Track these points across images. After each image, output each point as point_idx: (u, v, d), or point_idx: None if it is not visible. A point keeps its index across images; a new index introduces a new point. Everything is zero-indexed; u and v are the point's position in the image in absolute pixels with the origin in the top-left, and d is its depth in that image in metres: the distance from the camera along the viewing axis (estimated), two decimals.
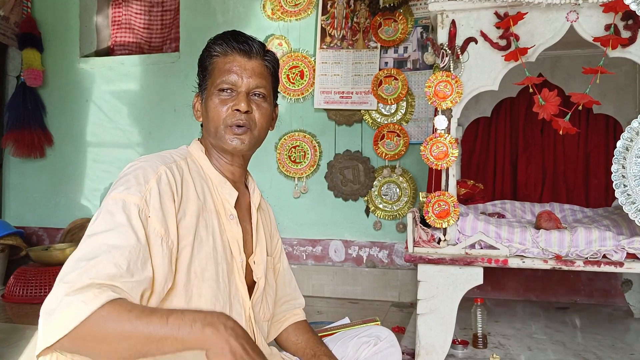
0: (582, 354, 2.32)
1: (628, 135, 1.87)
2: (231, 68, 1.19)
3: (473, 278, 2.07)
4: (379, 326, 1.53)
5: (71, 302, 0.84)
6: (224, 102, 1.19)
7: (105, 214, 1.00)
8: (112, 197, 1.03)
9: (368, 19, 3.50)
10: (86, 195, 4.11)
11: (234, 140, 1.19)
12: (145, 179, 1.06)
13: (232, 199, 1.23)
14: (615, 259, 1.96)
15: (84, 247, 0.95)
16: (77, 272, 0.89)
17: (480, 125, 3.23)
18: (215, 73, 1.20)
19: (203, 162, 1.23)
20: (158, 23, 4.22)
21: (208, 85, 1.22)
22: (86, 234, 0.99)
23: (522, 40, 2.06)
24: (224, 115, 1.19)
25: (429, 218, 2.12)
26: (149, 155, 1.15)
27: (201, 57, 1.26)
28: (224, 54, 1.20)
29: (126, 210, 1.00)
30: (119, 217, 0.99)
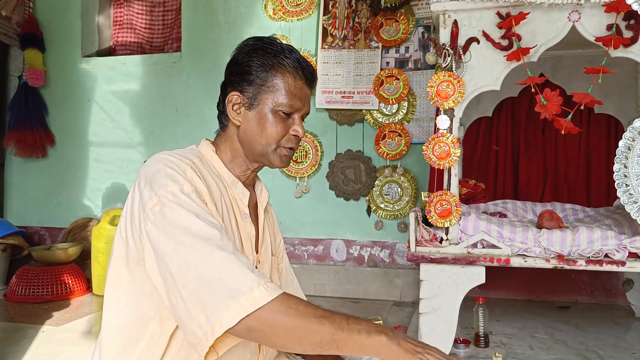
0: (584, 353, 2.33)
1: (630, 134, 1.87)
2: (299, 95, 1.20)
3: (475, 277, 2.08)
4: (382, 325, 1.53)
5: (253, 287, 0.92)
6: (283, 121, 1.19)
7: (177, 206, 1.00)
8: (169, 191, 1.02)
9: (369, 19, 3.50)
10: (88, 194, 4.12)
11: (284, 160, 1.22)
12: (182, 169, 1.07)
13: (245, 198, 1.23)
14: (617, 258, 1.96)
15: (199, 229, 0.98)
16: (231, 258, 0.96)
17: (482, 125, 3.23)
18: (281, 91, 1.18)
19: (215, 163, 1.22)
20: (159, 23, 4.22)
21: (265, 97, 1.18)
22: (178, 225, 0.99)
23: (524, 40, 2.07)
24: (280, 136, 1.19)
25: (431, 217, 2.13)
26: (165, 152, 1.14)
27: (262, 61, 1.19)
28: (294, 76, 1.19)
29: (190, 197, 1.02)
30: (188, 202, 1.01)
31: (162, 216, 1.00)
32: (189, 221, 0.99)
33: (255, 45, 1.21)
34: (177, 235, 0.98)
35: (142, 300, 1.05)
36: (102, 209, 4.01)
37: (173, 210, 1.00)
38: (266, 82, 1.18)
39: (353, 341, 0.93)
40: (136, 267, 1.05)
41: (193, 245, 0.96)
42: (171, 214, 1.00)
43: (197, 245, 0.96)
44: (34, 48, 4.06)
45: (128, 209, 1.08)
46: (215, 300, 0.92)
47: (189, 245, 0.96)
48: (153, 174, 1.06)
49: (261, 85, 1.18)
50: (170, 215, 1.00)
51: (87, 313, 3.06)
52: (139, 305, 1.05)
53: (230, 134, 1.24)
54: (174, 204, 1.00)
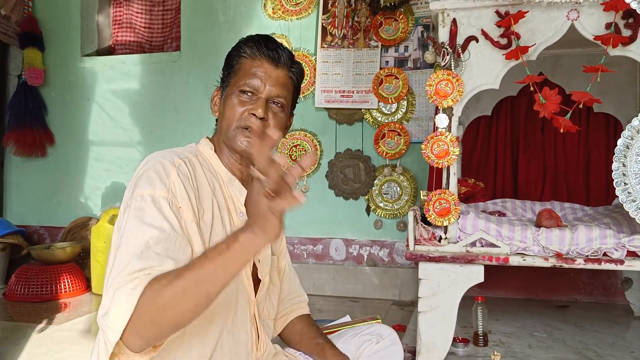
0: (583, 351, 2.33)
1: (629, 133, 1.87)
2: (256, 73, 1.20)
3: (474, 276, 2.08)
4: (381, 324, 1.54)
5: (119, 298, 0.91)
6: (243, 103, 1.20)
7: (136, 212, 1.02)
8: (140, 194, 1.04)
9: (369, 18, 3.50)
10: (87, 194, 4.12)
11: (244, 142, 1.20)
12: (166, 173, 1.08)
13: (242, 197, 1.23)
14: (616, 256, 1.96)
15: (126, 248, 0.97)
16: (123, 274, 0.93)
17: (481, 123, 3.23)
18: (240, 73, 1.21)
19: (213, 160, 1.24)
20: (159, 22, 4.22)
21: (230, 83, 1.23)
22: (120, 234, 1.01)
23: (523, 38, 2.06)
24: (237, 116, 1.20)
25: (430, 216, 2.13)
26: (162, 151, 1.15)
27: (229, 53, 1.27)
28: (253, 57, 1.21)
29: (157, 205, 1.02)
30: (149, 211, 1.01)
31: (124, 214, 1.04)
32: (131, 237, 0.99)
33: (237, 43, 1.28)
34: (120, 244, 1.01)
35: None
36: (102, 208, 4.02)
37: (131, 213, 1.03)
38: (232, 69, 1.24)
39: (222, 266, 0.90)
40: None
41: (117, 257, 0.98)
42: (128, 215, 1.03)
43: (118, 263, 0.97)
44: (34, 47, 4.07)
45: (123, 205, 1.10)
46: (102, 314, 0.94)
47: (116, 248, 1.00)
48: (141, 174, 1.09)
49: (229, 73, 1.24)
50: (126, 216, 1.03)
51: (87, 312, 3.06)
52: None
53: (217, 127, 1.28)
54: (137, 208, 1.03)
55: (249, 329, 1.23)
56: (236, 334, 1.19)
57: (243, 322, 1.21)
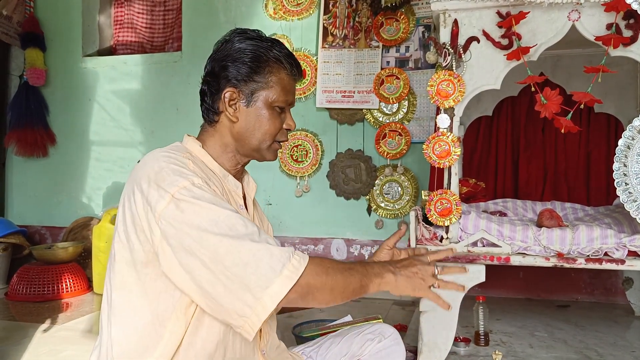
0: (584, 351, 2.33)
1: (630, 133, 1.88)
2: (291, 89, 1.26)
3: (475, 276, 2.08)
4: (383, 324, 1.54)
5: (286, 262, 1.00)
6: (278, 116, 1.24)
7: (193, 200, 1.01)
8: (182, 186, 1.03)
9: (370, 19, 3.51)
10: (89, 194, 4.13)
11: (274, 154, 1.28)
12: (184, 164, 1.09)
13: (239, 190, 1.25)
14: (617, 256, 1.97)
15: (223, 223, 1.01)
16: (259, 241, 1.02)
17: (482, 124, 3.24)
18: (278, 88, 1.22)
19: (204, 157, 1.23)
20: (160, 22, 4.23)
21: (262, 94, 1.21)
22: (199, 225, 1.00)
23: (524, 39, 2.07)
24: (277, 131, 1.24)
25: (431, 216, 2.13)
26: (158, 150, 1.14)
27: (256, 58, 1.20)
28: (290, 75, 1.25)
29: (202, 189, 1.05)
30: (204, 194, 1.03)
31: (180, 212, 1.00)
32: (210, 212, 1.01)
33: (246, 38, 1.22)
34: (202, 228, 0.99)
35: (157, 300, 1.05)
36: (103, 208, 4.03)
37: (192, 204, 1.01)
38: (264, 79, 1.20)
39: (373, 283, 1.12)
40: (144, 269, 1.05)
41: (221, 233, 0.99)
42: (190, 208, 1.01)
43: (226, 233, 0.99)
44: (35, 47, 4.08)
45: (127, 212, 1.06)
46: (259, 278, 0.98)
47: (217, 235, 0.99)
48: (157, 173, 1.05)
49: (258, 81, 1.20)
50: (189, 210, 1.00)
51: (88, 312, 3.07)
52: (154, 306, 1.05)
53: (221, 128, 1.24)
54: (190, 198, 1.02)
55: None
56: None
57: None
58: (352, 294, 1.09)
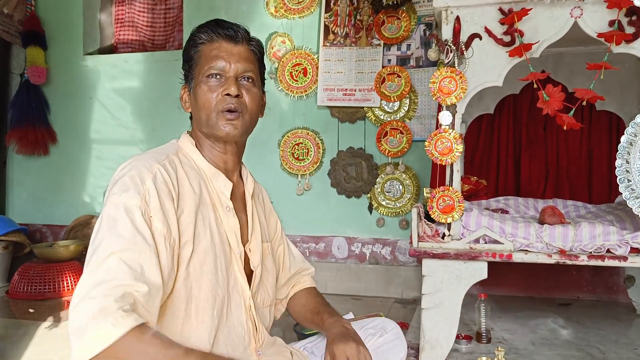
0: (586, 348, 2.33)
1: (632, 130, 1.88)
2: (218, 54, 1.19)
3: (477, 273, 2.08)
4: (385, 318, 1.54)
5: (99, 324, 0.88)
6: (213, 88, 1.19)
7: (109, 221, 1.01)
8: (112, 202, 1.03)
9: (371, 17, 3.51)
10: (90, 192, 4.13)
11: (227, 126, 1.19)
12: (141, 180, 1.06)
13: (227, 191, 1.23)
14: (619, 253, 1.97)
15: (97, 260, 0.96)
16: (100, 289, 0.92)
17: (484, 121, 3.24)
18: (202, 60, 1.20)
19: (194, 156, 1.23)
20: (161, 21, 4.23)
21: (195, 73, 1.22)
22: (93, 245, 1.00)
23: (526, 36, 2.07)
24: (215, 101, 1.18)
25: (433, 213, 2.13)
26: (141, 154, 1.15)
27: (186, 47, 1.26)
28: (210, 40, 1.20)
29: (129, 214, 1.01)
30: (122, 222, 1.00)
31: (100, 222, 1.03)
32: (101, 247, 0.98)
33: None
34: (91, 251, 1.00)
35: None
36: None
37: (103, 225, 1.02)
38: (192, 60, 1.22)
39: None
40: None
41: (86, 272, 0.97)
42: (103, 221, 1.02)
43: (87, 275, 0.96)
44: (36, 46, 4.07)
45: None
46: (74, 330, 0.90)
47: (86, 269, 0.98)
48: (116, 180, 1.08)
49: (190, 66, 1.23)
50: (101, 222, 1.03)
51: None
52: None
53: (193, 122, 1.28)
54: (107, 218, 1.02)
55: (244, 321, 1.22)
56: (232, 328, 1.19)
57: (238, 315, 1.21)
58: None
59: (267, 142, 3.61)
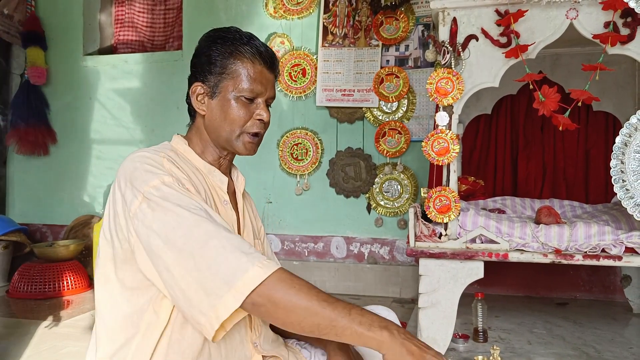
0: (582, 347, 2.35)
1: (627, 131, 1.90)
2: (260, 79, 1.20)
3: (474, 272, 2.10)
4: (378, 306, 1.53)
5: (248, 268, 0.94)
6: (245, 107, 1.20)
7: (161, 202, 1.01)
8: (152, 186, 1.03)
9: (370, 17, 3.53)
10: (89, 192, 4.14)
11: (248, 147, 1.23)
12: (158, 162, 1.09)
13: (223, 185, 1.25)
14: (614, 252, 1.98)
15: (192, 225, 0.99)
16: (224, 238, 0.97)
17: (481, 122, 3.25)
18: (240, 77, 1.19)
19: (189, 155, 1.24)
20: (161, 21, 4.25)
21: (226, 84, 1.20)
22: (166, 224, 1.00)
23: (523, 37, 2.09)
24: (244, 121, 1.20)
25: (430, 213, 2.15)
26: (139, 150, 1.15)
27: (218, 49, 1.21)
28: (252, 61, 1.20)
29: (172, 188, 1.04)
30: (173, 194, 1.02)
31: (151, 211, 1.02)
32: (176, 214, 1.00)
33: (215, 35, 1.23)
34: (167, 229, 1.00)
35: (135, 295, 1.07)
36: (104, 206, 4.03)
37: (159, 205, 1.01)
38: (226, 70, 1.20)
39: (352, 331, 0.93)
40: (123, 265, 1.07)
41: (184, 236, 0.98)
42: (158, 208, 1.01)
43: (189, 235, 0.98)
44: (36, 46, 4.09)
45: (110, 210, 1.09)
46: (214, 287, 0.94)
47: (180, 237, 0.98)
48: (132, 173, 1.07)
49: (221, 73, 1.20)
50: (158, 210, 1.01)
51: (89, 309, 3.08)
52: (133, 300, 1.08)
53: (198, 124, 1.26)
54: (159, 198, 1.02)
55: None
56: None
57: None
58: (316, 328, 0.94)
59: (266, 143, 3.62)
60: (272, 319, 0.98)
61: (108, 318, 1.11)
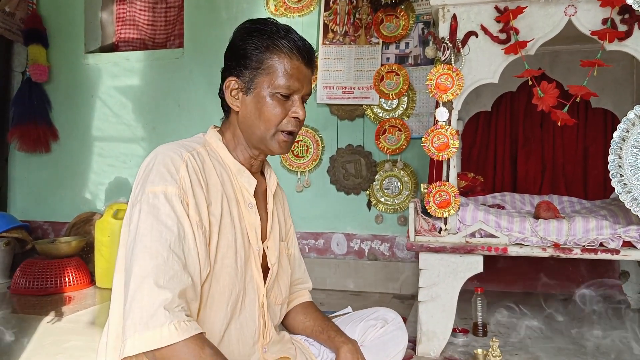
0: (580, 341, 2.37)
1: (624, 126, 1.92)
2: (297, 75, 1.16)
3: (473, 266, 2.12)
4: (386, 308, 1.55)
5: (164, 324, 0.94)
6: (281, 104, 1.17)
7: (151, 209, 1.02)
8: (152, 191, 1.04)
9: (370, 15, 3.55)
10: (91, 189, 4.16)
11: (283, 145, 1.20)
12: (175, 168, 1.07)
13: (251, 188, 1.22)
14: (612, 246, 2.00)
15: (146, 246, 0.99)
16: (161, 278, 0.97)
17: (481, 119, 3.27)
18: (277, 73, 1.15)
19: (221, 151, 1.22)
20: (162, 19, 4.26)
21: (262, 80, 1.16)
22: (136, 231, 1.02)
23: (522, 33, 2.11)
24: (280, 119, 1.17)
25: (430, 208, 2.17)
26: (169, 144, 1.14)
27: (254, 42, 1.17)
28: (290, 57, 1.16)
29: (170, 202, 1.03)
30: (164, 209, 1.02)
31: (139, 213, 1.04)
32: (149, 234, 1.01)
33: (250, 27, 1.19)
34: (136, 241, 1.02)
35: None
36: (105, 203, 4.06)
37: (146, 213, 1.03)
38: (262, 65, 1.16)
39: None
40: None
41: (138, 261, 0.99)
42: (144, 216, 1.03)
43: (141, 264, 0.99)
44: (38, 44, 4.11)
45: (130, 198, 1.12)
46: (132, 322, 0.95)
47: (136, 258, 1.00)
48: (150, 168, 1.08)
49: (257, 68, 1.16)
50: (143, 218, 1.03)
51: (91, 305, 3.10)
52: None
53: (232, 120, 1.23)
54: (150, 206, 1.03)
55: (256, 317, 1.23)
56: (244, 322, 1.20)
57: (251, 311, 1.21)
58: None
59: None
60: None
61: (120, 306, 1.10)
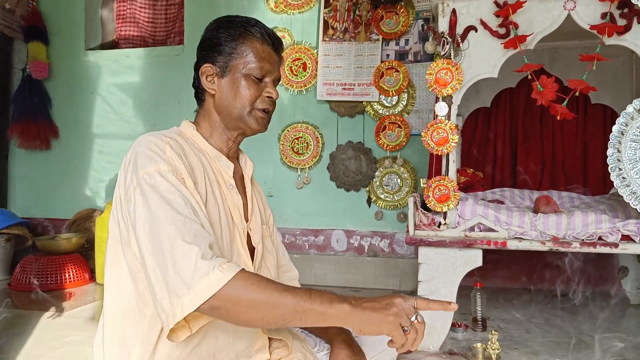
0: (579, 336, 2.38)
1: (623, 120, 1.92)
2: (268, 58, 1.25)
3: (472, 260, 2.12)
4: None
5: (209, 272, 0.96)
6: (255, 85, 1.24)
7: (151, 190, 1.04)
8: (146, 172, 1.06)
9: (370, 12, 3.55)
10: (91, 186, 4.17)
11: (260, 122, 1.27)
12: (161, 149, 1.10)
13: (230, 170, 1.27)
14: (611, 240, 2.01)
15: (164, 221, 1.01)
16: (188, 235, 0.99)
17: (480, 115, 3.28)
18: (250, 56, 1.24)
19: (196, 139, 1.27)
20: (162, 17, 4.27)
21: (235, 63, 1.24)
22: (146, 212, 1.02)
23: (521, 28, 2.11)
24: (254, 98, 1.24)
25: (429, 202, 2.17)
26: (147, 134, 1.17)
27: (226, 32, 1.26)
28: (262, 42, 1.25)
29: (166, 178, 1.06)
30: (163, 185, 1.04)
31: (141, 198, 1.05)
32: (159, 208, 1.02)
33: (221, 21, 1.29)
34: (148, 220, 1.02)
35: (138, 278, 1.09)
36: (106, 200, 4.06)
37: (146, 194, 1.04)
38: (235, 50, 1.24)
39: (316, 312, 0.96)
40: (127, 247, 1.09)
41: (159, 233, 1.00)
42: (145, 197, 1.04)
43: (163, 232, 1.00)
44: (38, 41, 4.11)
45: (117, 191, 1.12)
46: (176, 286, 0.96)
47: (156, 232, 1.01)
48: (135, 156, 1.10)
49: (231, 53, 1.24)
50: (145, 199, 1.04)
51: (91, 301, 3.10)
52: (136, 283, 1.09)
53: (208, 106, 1.29)
54: (148, 186, 1.04)
55: None
56: None
57: None
58: (280, 318, 0.97)
59: (267, 137, 3.65)
60: (233, 319, 0.99)
61: (115, 300, 1.12)
